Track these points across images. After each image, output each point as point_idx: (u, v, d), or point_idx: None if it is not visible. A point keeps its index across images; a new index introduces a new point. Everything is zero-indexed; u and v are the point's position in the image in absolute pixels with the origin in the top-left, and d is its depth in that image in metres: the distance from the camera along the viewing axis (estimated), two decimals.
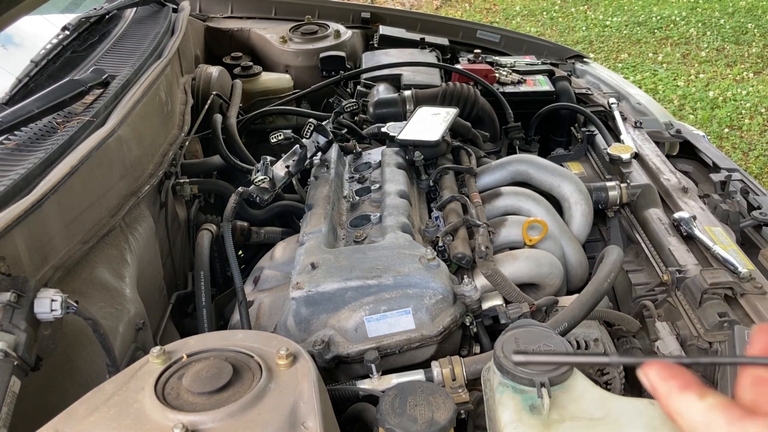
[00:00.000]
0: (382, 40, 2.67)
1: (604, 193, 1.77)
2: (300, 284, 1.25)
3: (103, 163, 1.34)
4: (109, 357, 1.09)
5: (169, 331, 1.54)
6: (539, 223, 1.56)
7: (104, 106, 1.46)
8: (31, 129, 1.37)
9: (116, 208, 1.39)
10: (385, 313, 1.23)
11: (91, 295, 1.21)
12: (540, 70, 2.42)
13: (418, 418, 1.00)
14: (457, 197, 1.62)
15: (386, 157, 1.73)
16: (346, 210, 1.60)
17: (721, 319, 1.28)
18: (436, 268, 1.27)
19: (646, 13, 6.86)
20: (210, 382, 0.88)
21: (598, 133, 2.09)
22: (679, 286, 1.41)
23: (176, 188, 1.73)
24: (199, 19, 2.67)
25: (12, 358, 0.91)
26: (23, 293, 0.97)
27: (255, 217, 1.88)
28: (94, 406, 0.87)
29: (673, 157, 2.07)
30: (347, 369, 1.25)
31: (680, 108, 5.11)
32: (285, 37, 2.63)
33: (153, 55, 1.79)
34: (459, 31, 2.78)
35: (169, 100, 1.80)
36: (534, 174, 1.75)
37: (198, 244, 1.66)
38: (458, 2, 7.62)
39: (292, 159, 1.63)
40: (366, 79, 2.34)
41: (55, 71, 1.70)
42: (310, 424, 0.84)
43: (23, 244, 1.07)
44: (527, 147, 2.21)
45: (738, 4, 6.83)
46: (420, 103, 1.97)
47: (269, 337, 1.01)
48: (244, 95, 2.34)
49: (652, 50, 6.09)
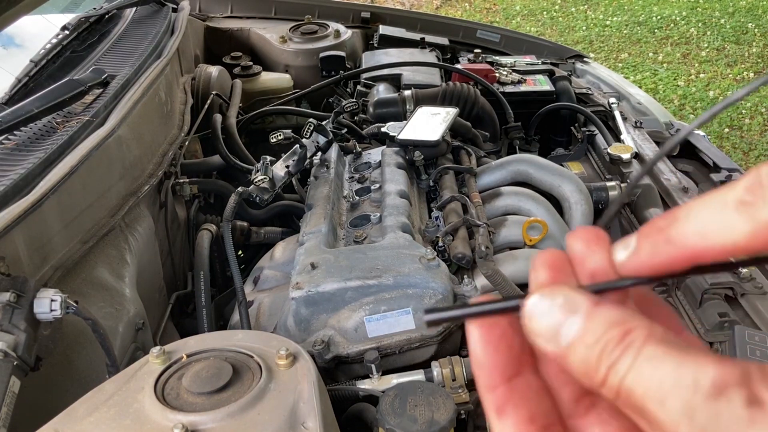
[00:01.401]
0: (382, 39, 2.67)
1: (605, 193, 1.77)
2: (300, 284, 1.25)
3: (103, 163, 1.34)
4: (109, 357, 1.09)
5: (168, 331, 1.54)
6: (539, 223, 1.56)
7: (104, 106, 1.46)
8: (31, 129, 1.36)
9: (116, 208, 1.39)
10: (385, 313, 1.23)
11: (91, 295, 1.21)
12: (540, 69, 2.42)
13: (418, 418, 1.00)
14: (457, 197, 1.62)
15: (386, 157, 1.73)
16: (346, 210, 1.60)
17: (722, 319, 1.28)
18: (436, 268, 1.27)
19: (646, 12, 6.86)
20: (210, 382, 0.88)
21: (599, 133, 2.08)
22: (680, 286, 1.40)
23: (176, 188, 1.73)
24: (199, 19, 2.67)
25: (12, 358, 0.91)
26: (23, 293, 0.97)
27: (255, 217, 1.88)
28: (94, 406, 0.87)
29: (673, 157, 2.06)
30: (347, 369, 1.25)
31: (680, 108, 5.11)
32: (285, 36, 2.63)
33: (153, 55, 1.79)
34: (459, 30, 2.78)
35: (168, 100, 1.80)
36: (534, 174, 1.75)
37: (198, 244, 1.66)
38: (458, 2, 7.62)
39: (292, 159, 1.63)
40: (366, 79, 2.34)
41: (55, 71, 1.70)
42: (310, 424, 0.84)
43: (23, 244, 1.07)
44: (527, 147, 2.21)
45: (738, 3, 6.82)
46: (420, 102, 1.97)
47: (269, 337, 1.01)
48: (244, 95, 2.34)
49: (653, 50, 6.09)
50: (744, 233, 0.28)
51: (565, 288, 0.31)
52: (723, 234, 0.29)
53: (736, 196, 0.28)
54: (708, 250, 0.29)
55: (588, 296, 0.31)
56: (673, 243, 0.31)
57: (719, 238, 0.29)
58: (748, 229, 0.28)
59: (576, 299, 0.30)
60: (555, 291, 0.31)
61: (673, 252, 0.31)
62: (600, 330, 0.29)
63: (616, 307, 0.30)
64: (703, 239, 0.29)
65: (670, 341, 0.28)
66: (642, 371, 0.28)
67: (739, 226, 0.28)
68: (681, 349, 0.28)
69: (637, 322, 0.29)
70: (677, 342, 0.28)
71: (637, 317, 0.30)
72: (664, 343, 0.28)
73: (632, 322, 0.29)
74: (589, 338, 0.29)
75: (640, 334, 0.29)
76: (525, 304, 0.31)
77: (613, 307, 0.30)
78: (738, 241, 0.28)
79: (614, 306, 0.30)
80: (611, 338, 0.29)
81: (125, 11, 2.07)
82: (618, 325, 0.29)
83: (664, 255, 0.31)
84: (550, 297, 0.31)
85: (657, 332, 0.29)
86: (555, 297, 0.31)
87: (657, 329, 0.29)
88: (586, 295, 0.31)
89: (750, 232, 0.28)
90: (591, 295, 0.31)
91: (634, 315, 0.30)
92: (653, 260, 0.31)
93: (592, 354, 0.29)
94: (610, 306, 0.30)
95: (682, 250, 0.30)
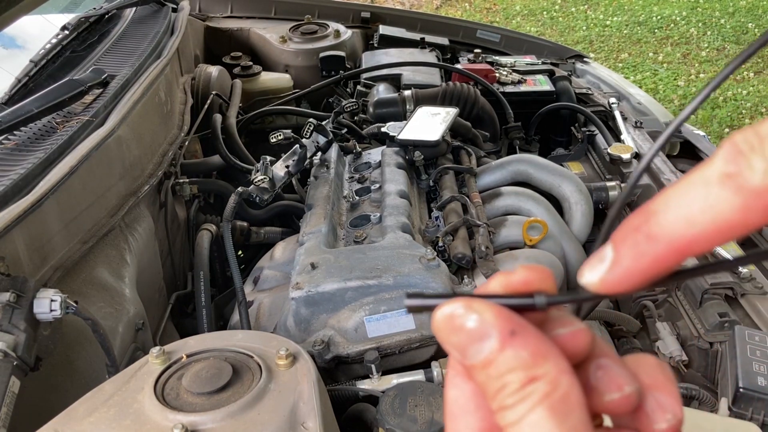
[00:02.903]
0: (382, 39, 2.66)
1: (605, 193, 1.77)
2: (300, 284, 1.25)
3: (103, 163, 1.34)
4: (109, 357, 1.09)
5: (168, 331, 1.54)
6: (539, 223, 1.56)
7: (104, 106, 1.46)
8: (31, 129, 1.36)
9: (116, 208, 1.39)
10: (385, 314, 1.23)
11: (91, 295, 1.21)
12: (540, 69, 2.42)
13: (418, 418, 1.00)
14: (457, 197, 1.62)
15: (386, 157, 1.73)
16: (346, 210, 1.60)
17: (722, 319, 1.28)
18: (436, 268, 1.27)
19: (646, 12, 6.86)
20: (209, 382, 0.88)
21: (599, 133, 2.08)
22: (680, 286, 1.40)
23: (176, 188, 1.72)
24: (199, 19, 2.67)
25: (11, 359, 0.91)
26: (23, 293, 0.97)
27: (255, 217, 1.88)
28: (94, 406, 0.87)
29: (674, 157, 2.06)
30: (347, 369, 1.25)
31: (681, 108, 5.11)
32: (285, 36, 2.63)
33: (152, 55, 1.79)
34: (459, 30, 2.78)
35: (168, 100, 1.79)
36: (534, 174, 1.75)
37: (198, 244, 1.66)
38: (458, 2, 7.62)
39: (292, 159, 1.63)
40: (366, 79, 2.34)
41: (55, 71, 1.70)
42: (310, 424, 0.84)
43: (23, 244, 1.07)
44: (527, 147, 2.21)
45: (738, 3, 6.82)
46: (420, 102, 1.97)
47: (269, 337, 1.01)
48: (244, 95, 2.34)
49: (653, 50, 6.09)
50: (735, 208, 0.25)
51: (487, 308, 0.28)
52: (712, 214, 0.25)
53: (718, 171, 0.25)
54: (699, 236, 0.26)
55: (505, 324, 0.28)
56: (656, 239, 0.27)
57: (709, 220, 0.25)
58: (739, 203, 0.25)
59: (490, 324, 0.28)
60: (471, 308, 0.28)
61: (660, 249, 0.27)
62: (504, 367, 0.27)
63: (533, 342, 0.27)
64: (691, 226, 0.26)
65: (564, 412, 0.26)
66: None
67: (728, 202, 0.25)
68: (569, 431, 0.26)
69: (545, 371, 0.27)
70: (571, 415, 0.26)
71: (550, 362, 0.27)
72: (555, 414, 0.26)
73: (540, 369, 0.27)
74: (492, 371, 0.27)
75: (539, 390, 0.26)
76: (535, 302, 0.28)
77: (528, 344, 0.27)
78: (731, 218, 0.25)
79: (530, 341, 0.27)
80: (511, 382, 0.27)
81: (125, 11, 2.07)
82: (524, 368, 0.27)
83: (650, 255, 0.27)
84: (465, 315, 0.28)
85: (558, 393, 0.26)
86: (469, 315, 0.28)
87: (561, 387, 0.26)
88: (504, 321, 0.28)
89: (741, 205, 0.25)
90: (509, 323, 0.28)
91: (548, 358, 0.27)
92: (638, 265, 0.27)
93: (490, 386, 0.27)
94: (525, 340, 0.27)
95: (670, 243, 0.26)
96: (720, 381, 1.23)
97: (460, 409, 0.30)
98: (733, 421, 1.10)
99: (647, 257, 0.27)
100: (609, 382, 0.28)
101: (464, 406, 0.30)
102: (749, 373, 1.13)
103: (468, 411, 0.30)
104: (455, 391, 0.30)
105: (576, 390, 0.27)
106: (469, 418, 0.30)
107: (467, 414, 0.30)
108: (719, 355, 1.26)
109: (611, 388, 0.28)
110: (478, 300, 0.29)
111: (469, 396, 0.30)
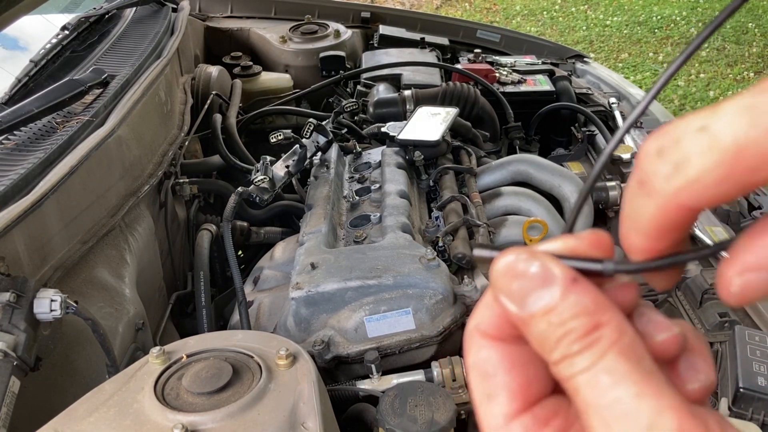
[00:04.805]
0: (382, 39, 2.66)
1: (605, 193, 1.76)
2: (300, 284, 1.25)
3: (103, 163, 1.34)
4: (109, 357, 1.09)
5: (168, 331, 1.54)
6: (539, 223, 1.56)
7: (104, 106, 1.46)
8: (31, 129, 1.36)
9: (116, 208, 1.39)
10: (385, 314, 1.23)
11: (91, 295, 1.21)
12: (540, 69, 2.42)
13: (418, 418, 1.00)
14: (457, 197, 1.62)
15: (386, 157, 1.73)
16: (346, 210, 1.60)
17: (722, 319, 1.28)
18: (436, 268, 1.27)
19: (646, 12, 6.86)
20: (209, 382, 0.88)
21: (599, 133, 2.08)
22: (680, 286, 1.40)
23: (176, 188, 1.72)
24: (199, 19, 2.67)
25: (11, 359, 0.91)
26: (23, 293, 0.97)
27: (255, 217, 1.88)
28: (94, 406, 0.87)
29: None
30: (347, 369, 1.25)
31: (681, 108, 5.11)
32: (285, 36, 2.63)
33: (152, 55, 1.79)
34: (459, 30, 2.78)
35: (168, 100, 1.79)
36: (534, 174, 1.75)
37: (198, 244, 1.66)
38: (458, 2, 7.62)
39: (292, 159, 1.63)
40: (366, 79, 2.34)
41: (55, 71, 1.70)
42: (310, 424, 0.84)
43: (23, 244, 1.07)
44: (527, 147, 2.21)
45: None
46: (420, 102, 1.97)
47: (269, 337, 1.01)
48: (244, 95, 2.34)
49: (653, 50, 6.09)
50: (651, 213, 0.27)
51: (545, 256, 0.28)
52: (645, 220, 0.27)
53: (635, 178, 0.27)
54: (650, 245, 0.28)
55: (567, 271, 0.28)
56: (628, 249, 0.29)
57: (646, 225, 0.27)
58: (653, 207, 0.26)
59: (554, 271, 0.28)
60: (534, 256, 0.28)
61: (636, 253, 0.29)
62: (568, 313, 0.27)
63: (593, 291, 0.27)
64: (639, 234, 0.28)
65: (636, 357, 0.26)
66: (597, 381, 0.26)
67: (646, 208, 0.27)
68: (645, 374, 0.25)
69: (609, 318, 0.27)
70: (643, 360, 0.26)
71: (611, 311, 0.27)
72: (629, 359, 0.26)
73: (603, 316, 0.27)
74: (555, 318, 0.27)
75: (607, 336, 0.26)
76: (600, 266, 0.28)
77: (589, 291, 0.27)
78: (657, 223, 0.27)
79: (591, 290, 0.27)
80: (576, 327, 0.26)
81: (125, 11, 2.07)
82: (588, 314, 0.27)
83: (652, 207, 0.27)
84: (528, 261, 0.28)
85: (626, 339, 0.26)
86: (532, 262, 0.28)
87: (627, 334, 0.27)
88: (565, 269, 0.28)
89: (657, 208, 0.26)
90: (571, 270, 0.28)
91: (609, 307, 0.27)
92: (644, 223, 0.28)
93: (552, 334, 0.27)
94: (586, 288, 0.27)
95: (635, 254, 0.29)
96: (720, 381, 1.23)
97: (494, 367, 0.30)
98: (733, 421, 1.10)
99: (650, 208, 0.28)
100: (656, 325, 0.29)
101: (499, 364, 0.30)
102: (749, 373, 1.13)
103: (503, 369, 0.30)
104: (487, 351, 0.30)
105: (639, 338, 0.27)
106: (505, 377, 0.29)
107: (503, 372, 0.30)
108: (719, 355, 1.25)
109: (660, 329, 0.29)
110: (541, 251, 0.29)
111: (503, 355, 0.30)
